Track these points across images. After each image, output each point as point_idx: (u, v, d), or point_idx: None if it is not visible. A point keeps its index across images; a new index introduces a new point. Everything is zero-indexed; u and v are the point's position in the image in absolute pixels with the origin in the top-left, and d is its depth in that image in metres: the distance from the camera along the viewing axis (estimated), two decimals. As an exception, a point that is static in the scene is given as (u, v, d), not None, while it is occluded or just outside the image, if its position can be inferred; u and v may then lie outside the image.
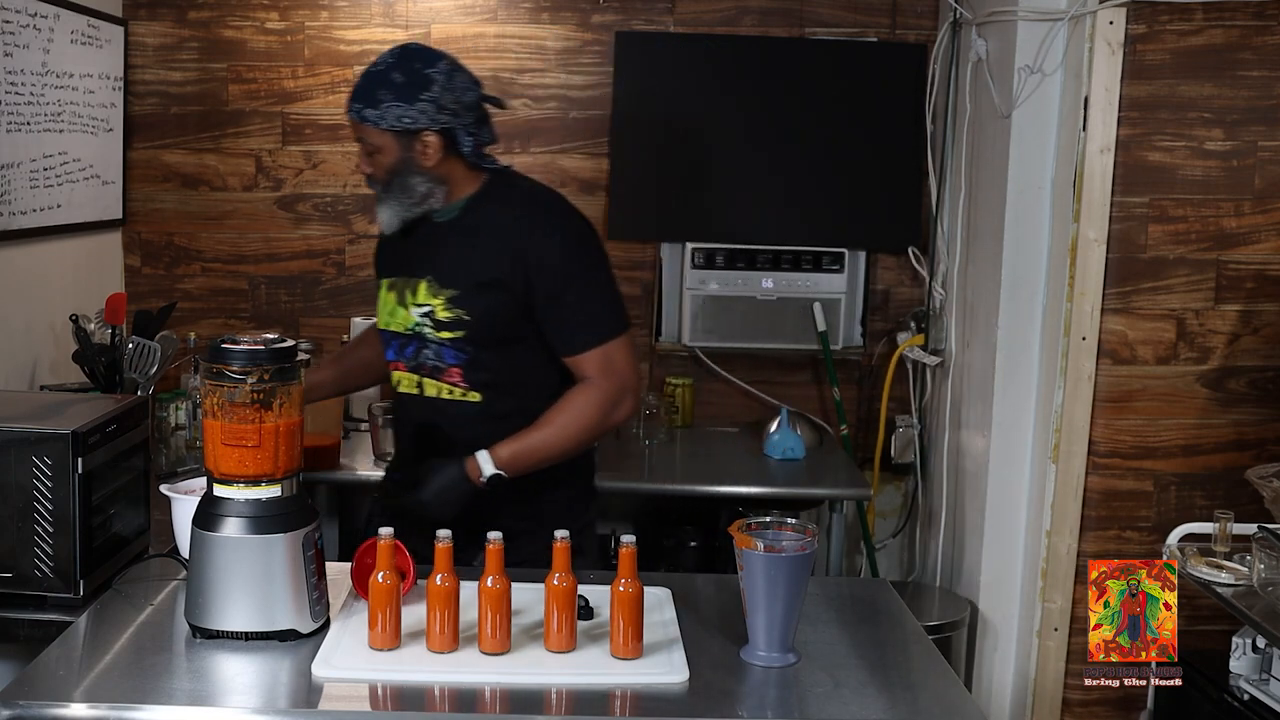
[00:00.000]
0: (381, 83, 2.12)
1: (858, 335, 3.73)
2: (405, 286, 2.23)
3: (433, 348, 2.21)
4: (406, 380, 2.27)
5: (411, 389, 2.26)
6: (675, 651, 1.76)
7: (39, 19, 3.03)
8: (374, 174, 2.19)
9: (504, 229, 2.17)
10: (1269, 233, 2.91)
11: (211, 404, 1.77)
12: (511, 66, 3.64)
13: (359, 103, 2.14)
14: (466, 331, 2.17)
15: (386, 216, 2.21)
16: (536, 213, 2.21)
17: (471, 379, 2.20)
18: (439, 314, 2.18)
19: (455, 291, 2.17)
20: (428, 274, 2.20)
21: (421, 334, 2.21)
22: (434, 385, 2.23)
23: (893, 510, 3.83)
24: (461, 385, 2.20)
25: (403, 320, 2.24)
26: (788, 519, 1.83)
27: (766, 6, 3.65)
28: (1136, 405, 2.94)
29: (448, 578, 1.73)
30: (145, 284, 3.70)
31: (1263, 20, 2.83)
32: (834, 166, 3.66)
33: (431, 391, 2.23)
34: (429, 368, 2.22)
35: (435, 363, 2.21)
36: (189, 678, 1.68)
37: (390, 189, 2.18)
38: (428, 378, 2.23)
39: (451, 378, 2.21)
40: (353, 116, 2.15)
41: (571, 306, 2.16)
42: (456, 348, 2.18)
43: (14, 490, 2.01)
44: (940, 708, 1.69)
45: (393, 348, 2.28)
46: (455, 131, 2.15)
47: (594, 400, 2.15)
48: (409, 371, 2.26)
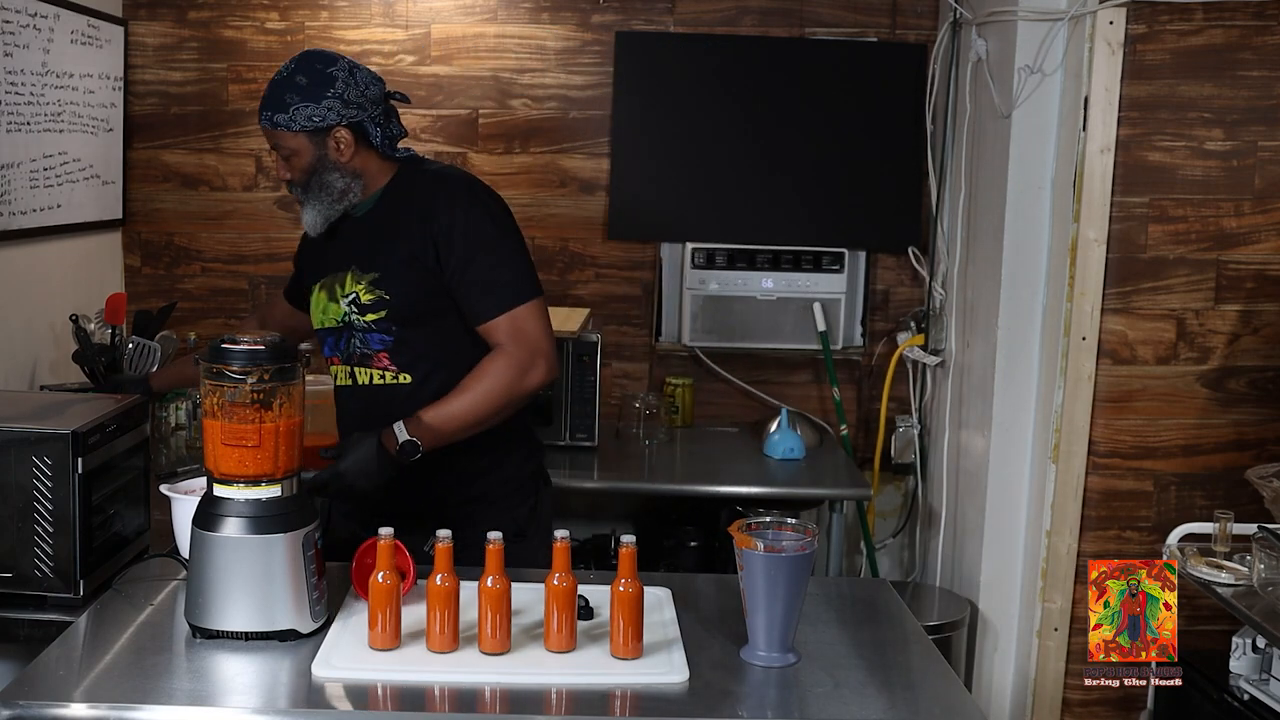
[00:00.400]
0: (287, 87, 2.19)
1: (858, 335, 3.73)
2: (334, 282, 2.29)
3: (360, 334, 2.26)
4: (341, 372, 2.32)
5: (345, 380, 2.31)
6: (675, 651, 1.76)
7: (39, 19, 3.03)
8: (293, 178, 2.25)
9: (412, 208, 2.24)
10: (1269, 233, 2.91)
11: (211, 404, 1.77)
12: (511, 66, 3.64)
13: (269, 110, 2.20)
14: (388, 311, 2.22)
15: (311, 218, 2.27)
16: (441, 189, 2.27)
17: (399, 360, 2.25)
18: (362, 298, 2.23)
19: (376, 274, 2.23)
20: (350, 265, 2.26)
21: (350, 322, 2.26)
22: (365, 372, 2.28)
23: (893, 510, 3.83)
24: (391, 368, 2.26)
25: (333, 314, 2.29)
26: (788, 519, 1.83)
27: (766, 6, 3.66)
28: (1136, 405, 2.94)
29: (448, 578, 1.73)
30: (145, 284, 3.70)
31: (1263, 20, 2.83)
32: (834, 166, 3.66)
33: (364, 379, 2.28)
34: (359, 355, 2.28)
35: (363, 349, 2.27)
36: (189, 678, 1.68)
37: (310, 190, 2.24)
38: (358, 366, 2.28)
39: (380, 362, 2.26)
40: (265, 125, 2.22)
41: (478, 275, 2.20)
42: (381, 330, 2.24)
43: (14, 490, 2.01)
44: (940, 708, 1.69)
45: (328, 344, 2.34)
46: (364, 125, 2.23)
47: (504, 366, 2.17)
48: (342, 363, 2.31)
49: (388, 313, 2.22)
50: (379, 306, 2.22)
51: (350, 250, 2.28)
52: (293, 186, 2.27)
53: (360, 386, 2.29)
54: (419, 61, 3.65)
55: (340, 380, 2.33)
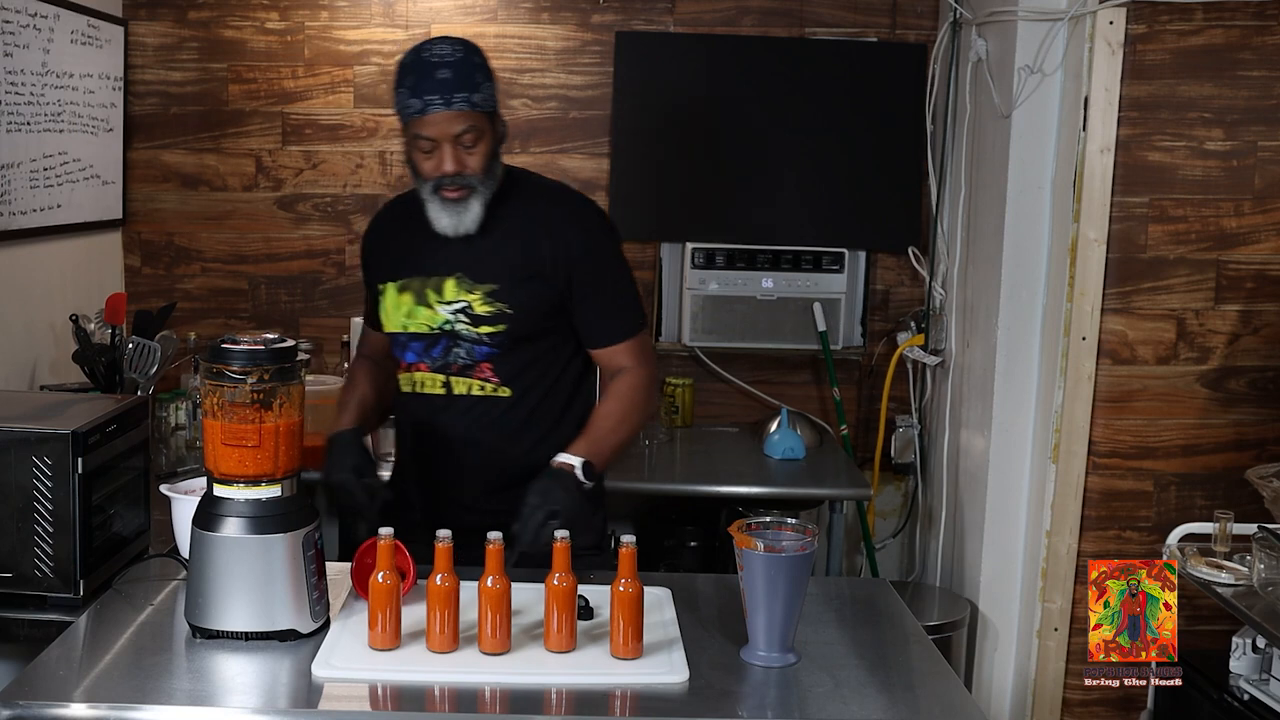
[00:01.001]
0: (470, 67, 2.07)
1: (858, 335, 3.73)
2: (425, 286, 2.19)
3: (465, 345, 2.17)
4: (430, 380, 2.22)
5: (436, 389, 2.22)
6: (675, 651, 1.76)
7: (39, 19, 3.03)
8: (470, 169, 2.10)
9: (536, 223, 2.17)
10: (1269, 233, 2.91)
11: (211, 404, 1.77)
12: (511, 66, 3.64)
13: (463, 91, 2.05)
14: (508, 325, 2.15)
15: (473, 214, 2.13)
16: (571, 205, 2.24)
17: (501, 373, 2.18)
18: (477, 309, 2.15)
19: (494, 286, 2.15)
20: (455, 271, 2.16)
21: (454, 331, 2.17)
22: (463, 383, 2.20)
23: (893, 510, 3.83)
24: (493, 380, 2.18)
25: (426, 319, 2.19)
26: (788, 519, 1.84)
27: (766, 6, 3.66)
28: (1136, 405, 2.94)
29: (448, 578, 1.73)
30: (145, 284, 3.70)
31: (1263, 20, 2.83)
32: (834, 166, 3.66)
33: (460, 390, 2.20)
34: (458, 365, 2.19)
35: (466, 360, 2.18)
36: (189, 678, 1.68)
37: (484, 181, 2.12)
38: (456, 376, 2.20)
39: (482, 373, 2.18)
40: (460, 107, 2.05)
41: (609, 296, 2.19)
42: (494, 343, 2.16)
43: (14, 490, 2.01)
44: (940, 708, 1.69)
45: (412, 349, 2.23)
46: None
47: (644, 386, 2.18)
48: (434, 371, 2.21)
49: (507, 327, 2.15)
50: (498, 320, 2.15)
51: (451, 255, 2.17)
52: (461, 178, 2.10)
53: (457, 397, 2.20)
54: (419, 61, 3.64)
55: (427, 388, 2.22)
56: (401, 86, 2.09)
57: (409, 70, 2.09)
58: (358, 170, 3.70)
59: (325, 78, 3.65)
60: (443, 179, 2.10)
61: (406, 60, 2.11)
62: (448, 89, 2.04)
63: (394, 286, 2.23)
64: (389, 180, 3.69)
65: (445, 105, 2.04)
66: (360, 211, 3.70)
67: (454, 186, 2.10)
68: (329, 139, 3.68)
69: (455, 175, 2.09)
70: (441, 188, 2.11)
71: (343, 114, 3.67)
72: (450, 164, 2.08)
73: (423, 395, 2.23)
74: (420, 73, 2.06)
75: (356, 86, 3.65)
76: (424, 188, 2.13)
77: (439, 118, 2.05)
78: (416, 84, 2.06)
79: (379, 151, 3.69)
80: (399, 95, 2.09)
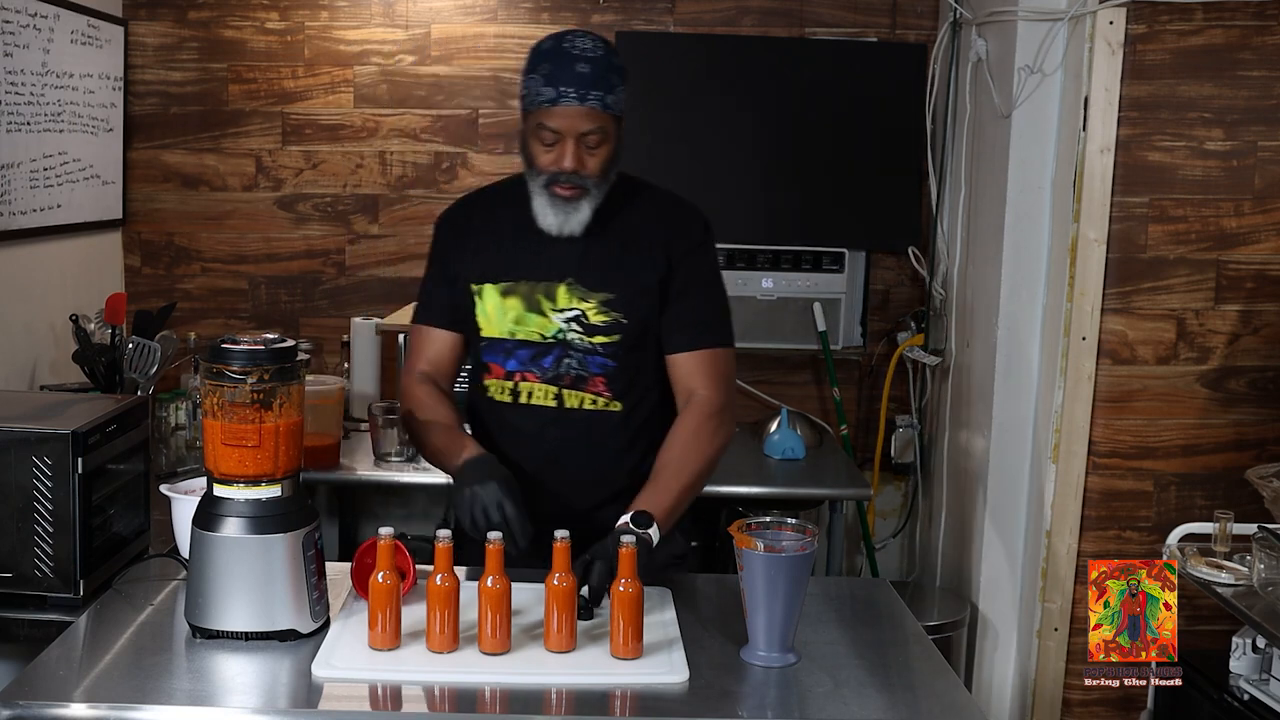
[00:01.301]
0: (609, 67, 1.99)
1: (858, 335, 3.73)
2: (535, 291, 2.09)
3: (577, 356, 2.09)
4: (540, 391, 2.10)
5: (547, 401, 2.11)
6: (675, 652, 1.76)
7: (39, 19, 3.03)
8: (588, 170, 2.02)
9: (653, 230, 2.11)
10: (1269, 233, 2.91)
11: (211, 404, 1.77)
12: (512, 66, 3.64)
13: (598, 90, 1.97)
14: (623, 336, 2.07)
15: (582, 216, 2.04)
16: (679, 208, 2.17)
17: (614, 388, 2.10)
18: (591, 318, 2.07)
19: (610, 294, 2.07)
20: (567, 277, 2.08)
21: (567, 340, 2.08)
22: (575, 396, 2.10)
23: (893, 510, 3.83)
24: (605, 394, 2.10)
25: (538, 326, 2.09)
26: (788, 519, 1.83)
27: (766, 6, 3.66)
28: (1136, 405, 2.94)
29: (448, 578, 1.73)
30: (145, 284, 3.70)
31: (1263, 20, 2.83)
32: (834, 166, 3.66)
33: (572, 403, 2.10)
34: (571, 378, 2.09)
35: (579, 372, 2.09)
36: (189, 678, 1.68)
37: (600, 184, 2.04)
38: (569, 389, 2.09)
39: (595, 387, 2.09)
40: (592, 104, 1.97)
41: (696, 303, 2.11)
42: (608, 354, 2.08)
43: (14, 490, 2.01)
44: (940, 708, 1.69)
45: (517, 357, 2.11)
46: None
47: (713, 418, 2.06)
48: (545, 382, 2.10)
49: (622, 337, 2.07)
50: (613, 330, 2.07)
51: (559, 259, 2.08)
52: (578, 177, 2.01)
53: (568, 410, 2.10)
54: (419, 61, 3.65)
55: (536, 399, 2.11)
56: (534, 73, 2.01)
57: (546, 57, 2.01)
58: (358, 170, 3.70)
59: (325, 78, 3.65)
60: (559, 174, 2.01)
61: (545, 47, 2.03)
62: (584, 84, 1.97)
63: (495, 289, 2.11)
64: (389, 180, 3.69)
65: (579, 100, 1.97)
66: (360, 211, 3.70)
67: (568, 185, 2.02)
68: (329, 139, 3.68)
69: (572, 173, 2.01)
70: (555, 183, 2.02)
71: (343, 114, 3.67)
72: (570, 160, 2.00)
73: (529, 406, 2.12)
74: (558, 62, 1.98)
75: (356, 86, 3.65)
76: (535, 180, 2.05)
77: (570, 111, 1.98)
78: (553, 73, 1.98)
79: (379, 151, 3.69)
80: (530, 81, 2.01)
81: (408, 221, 3.71)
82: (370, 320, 3.46)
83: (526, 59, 2.06)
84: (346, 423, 3.29)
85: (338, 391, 3.13)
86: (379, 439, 3.07)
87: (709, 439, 2.07)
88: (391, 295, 3.70)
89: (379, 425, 3.06)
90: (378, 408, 3.09)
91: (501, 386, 2.13)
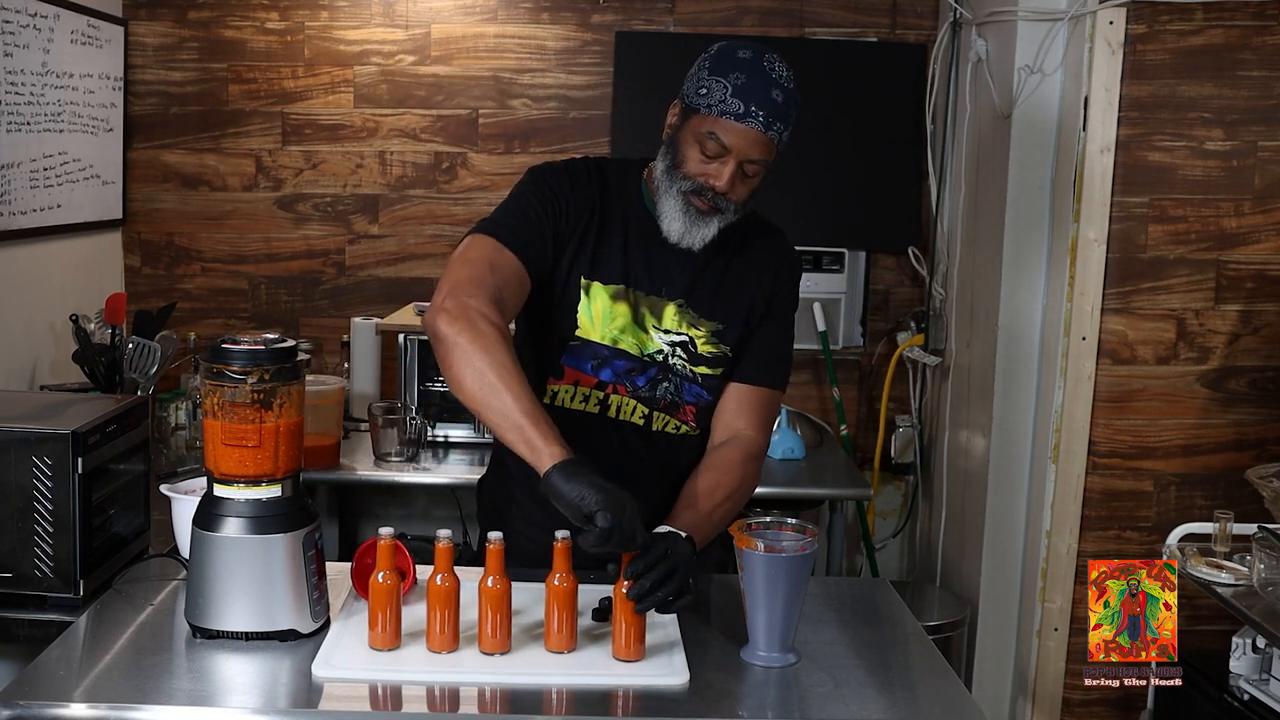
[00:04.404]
0: (796, 105, 1.92)
1: (858, 335, 3.73)
2: (644, 304, 1.99)
3: (675, 381, 2.01)
4: (629, 407, 2.01)
5: (635, 419, 2.01)
6: (676, 653, 1.76)
7: (39, 19, 3.03)
8: (734, 196, 1.93)
9: (756, 262, 2.06)
10: (1269, 233, 2.91)
11: (211, 404, 1.77)
12: (511, 66, 3.65)
13: (781, 124, 1.90)
14: (724, 369, 2.02)
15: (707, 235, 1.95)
16: (781, 236, 2.13)
17: (703, 420, 2.05)
18: (700, 347, 2.00)
19: (719, 325, 2.01)
20: (677, 297, 2.00)
21: (668, 364, 2.00)
22: (662, 418, 2.03)
23: (893, 510, 3.83)
24: (691, 422, 2.04)
25: (639, 342, 1.99)
26: (788, 519, 1.83)
27: (766, 6, 3.66)
28: (1136, 405, 2.95)
29: (448, 578, 1.73)
30: (145, 284, 3.70)
31: (1263, 20, 2.83)
32: (834, 166, 3.66)
33: (659, 425, 2.03)
34: (666, 402, 2.01)
35: (674, 398, 2.01)
36: (189, 678, 1.68)
37: (735, 212, 1.96)
38: (661, 412, 2.02)
39: (684, 415, 2.03)
40: (772, 136, 1.89)
41: (776, 337, 2.06)
42: (706, 386, 2.02)
43: (14, 490, 2.01)
44: (940, 708, 1.69)
45: (614, 368, 2.00)
46: None
47: (757, 479, 2.03)
48: (637, 400, 2.01)
49: (724, 370, 2.02)
50: (718, 363, 2.01)
51: (672, 275, 1.99)
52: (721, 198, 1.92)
53: (653, 431, 2.02)
54: (419, 61, 3.65)
55: (624, 415, 2.01)
56: (723, 77, 1.88)
57: (741, 67, 1.88)
58: (358, 170, 3.70)
59: (325, 78, 3.65)
60: (704, 189, 1.91)
61: (740, 55, 1.90)
62: (775, 112, 1.88)
63: (606, 291, 1.98)
64: (389, 180, 3.69)
65: (764, 127, 1.87)
66: (360, 211, 3.70)
67: (708, 200, 1.92)
68: (329, 139, 3.68)
69: (721, 194, 1.91)
70: (697, 194, 1.91)
71: (343, 114, 3.67)
72: (724, 181, 1.89)
73: (616, 421, 2.02)
74: (755, 78, 1.88)
75: (356, 86, 3.65)
76: (675, 182, 1.93)
77: (751, 134, 1.87)
78: (747, 87, 1.87)
79: (379, 151, 3.69)
80: (713, 83, 1.89)
81: (408, 221, 3.71)
82: (370, 320, 3.46)
83: (711, 55, 1.93)
84: (346, 423, 3.30)
85: (338, 391, 3.14)
86: (379, 439, 3.07)
87: (752, 480, 2.02)
88: (391, 295, 3.70)
89: (379, 425, 3.06)
90: (378, 408, 3.09)
91: (588, 395, 2.00)
